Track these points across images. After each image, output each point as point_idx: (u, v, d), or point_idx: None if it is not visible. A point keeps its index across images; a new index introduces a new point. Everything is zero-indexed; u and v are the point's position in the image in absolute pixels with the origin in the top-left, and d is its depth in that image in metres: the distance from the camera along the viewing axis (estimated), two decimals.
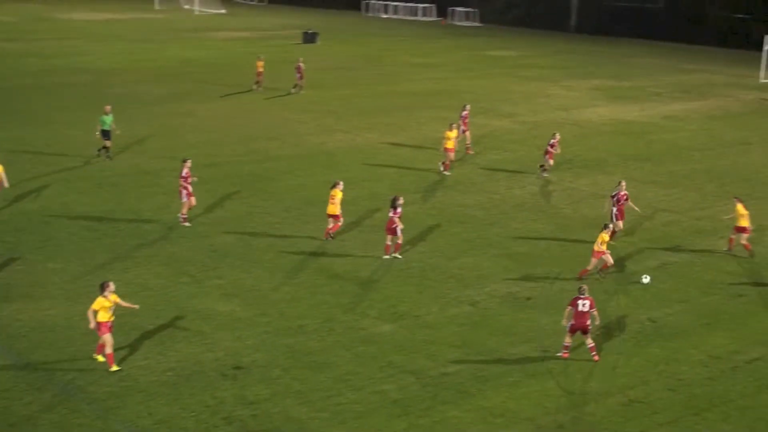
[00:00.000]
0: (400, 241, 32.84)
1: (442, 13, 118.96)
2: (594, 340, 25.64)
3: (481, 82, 72.43)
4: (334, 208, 34.00)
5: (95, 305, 23.97)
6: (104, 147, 44.41)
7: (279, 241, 34.47)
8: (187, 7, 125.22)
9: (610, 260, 31.01)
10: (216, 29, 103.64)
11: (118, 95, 61.71)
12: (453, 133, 43.95)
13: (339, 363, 25.00)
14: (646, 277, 30.81)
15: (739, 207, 34.23)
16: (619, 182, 35.56)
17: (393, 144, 50.43)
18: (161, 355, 25.25)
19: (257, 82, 64.72)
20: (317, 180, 42.57)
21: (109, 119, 44.00)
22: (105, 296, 24.02)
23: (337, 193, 34.05)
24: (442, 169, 44.19)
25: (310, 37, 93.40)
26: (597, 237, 30.82)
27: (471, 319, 28.04)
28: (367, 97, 63.98)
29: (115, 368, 24.06)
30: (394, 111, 59.51)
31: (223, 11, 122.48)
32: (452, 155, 44.24)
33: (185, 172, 35.53)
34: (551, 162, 43.60)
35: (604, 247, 30.63)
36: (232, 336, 26.44)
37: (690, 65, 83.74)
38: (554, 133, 44.43)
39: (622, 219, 34.63)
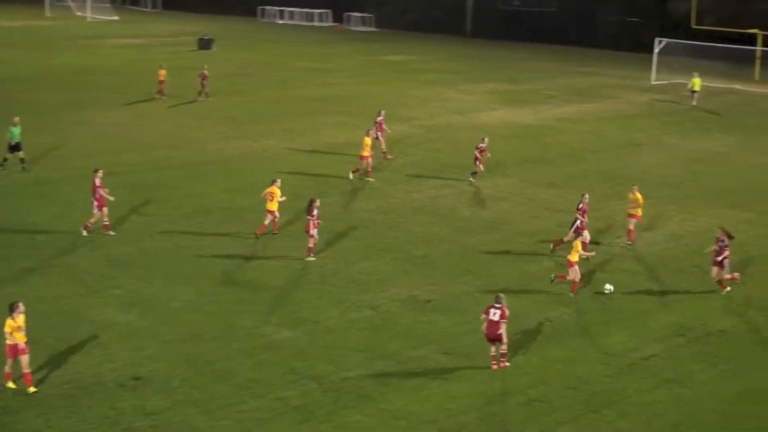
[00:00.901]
0: (310, 245, 32.87)
1: (338, 18, 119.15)
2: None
3: (378, 87, 72.68)
4: (272, 205, 35.07)
5: (6, 327, 23.40)
6: (5, 160, 43.33)
7: (178, 250, 34.16)
8: (79, 14, 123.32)
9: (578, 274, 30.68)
10: (109, 36, 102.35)
11: (9, 103, 60.55)
12: (369, 140, 43.80)
13: (240, 371, 24.85)
14: (608, 287, 30.74)
15: (638, 195, 35.35)
16: (583, 194, 35.33)
17: (291, 149, 50.32)
18: (58, 367, 24.80)
19: (159, 91, 63.84)
20: (216, 187, 42.37)
21: (17, 131, 43.08)
22: (13, 317, 23.47)
23: (275, 190, 35.16)
24: (352, 176, 43.97)
25: (205, 44, 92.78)
26: (572, 247, 30.91)
27: (372, 323, 28.11)
28: (264, 103, 63.76)
29: (11, 385, 23.58)
30: (292, 117, 59.40)
31: (115, 18, 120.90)
32: (369, 161, 43.93)
33: (97, 182, 34.93)
34: (482, 167, 43.70)
35: (576, 258, 30.44)
36: (130, 346, 26.10)
37: (583, 68, 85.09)
38: (483, 138, 44.67)
39: (584, 229, 34.42)
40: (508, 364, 25.16)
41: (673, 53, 77.46)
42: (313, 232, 32.99)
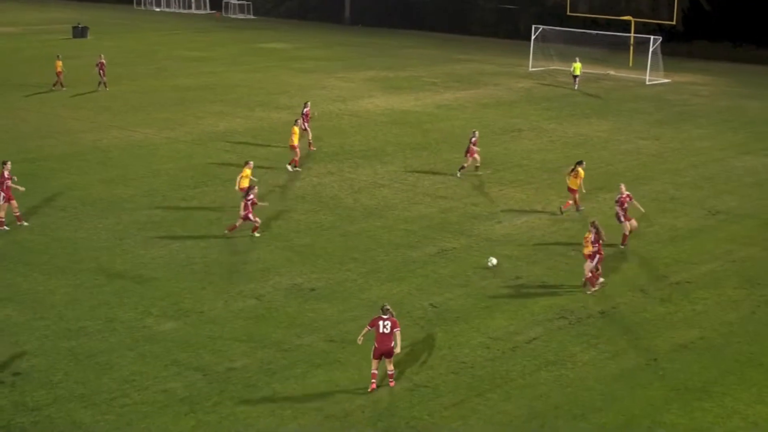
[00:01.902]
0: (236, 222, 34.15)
1: (216, 5, 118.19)
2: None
3: (257, 75, 72.30)
4: (245, 181, 36.18)
5: None
6: None
7: (54, 243, 33.60)
8: None
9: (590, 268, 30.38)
10: None
11: None
12: (297, 129, 43.31)
13: (123, 363, 24.57)
14: (492, 261, 31.42)
15: (581, 170, 37.19)
16: (619, 185, 35.13)
17: (171, 139, 49.80)
18: None
19: (57, 83, 62.20)
20: (92, 178, 41.81)
21: None
22: None
23: (246, 171, 36.68)
24: (290, 167, 43.60)
25: (80, 32, 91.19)
26: (583, 240, 30.80)
27: (256, 313, 28.02)
28: (142, 93, 62.91)
29: None
30: (170, 106, 58.76)
31: None
32: (297, 151, 43.55)
33: (6, 174, 34.13)
34: (472, 159, 43.33)
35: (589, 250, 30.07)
36: (8, 341, 25.59)
37: (461, 55, 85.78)
38: (473, 131, 44.33)
39: (628, 220, 34.35)
40: (394, 383, 23.73)
41: (549, 40, 78.76)
42: (244, 214, 33.74)
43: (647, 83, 71.56)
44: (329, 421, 22.01)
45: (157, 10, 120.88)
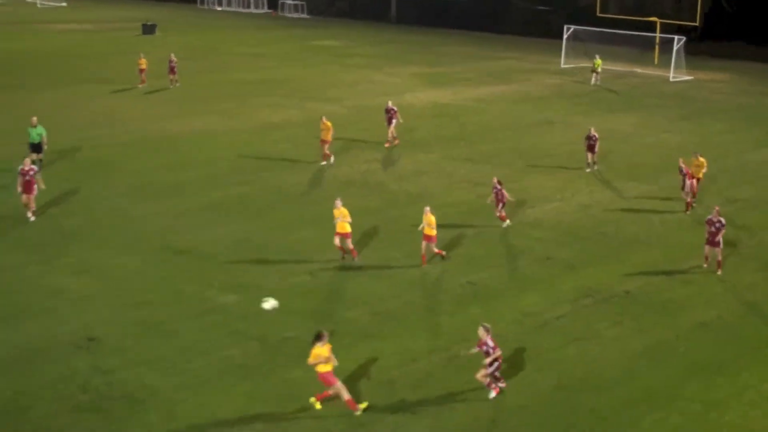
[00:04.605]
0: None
1: (272, 5, 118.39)
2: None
3: (309, 70, 72.43)
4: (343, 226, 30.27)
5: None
6: (38, 160, 38.57)
7: (124, 221, 33.95)
8: (28, 0, 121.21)
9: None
10: (57, 21, 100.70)
11: None
12: (330, 124, 42.29)
13: (186, 332, 24.84)
14: (267, 302, 24.14)
15: (702, 159, 37.74)
16: (680, 159, 37.46)
17: (229, 128, 50.08)
18: (14, 331, 24.62)
19: (142, 81, 61.27)
20: (159, 163, 42.18)
21: (36, 132, 39.03)
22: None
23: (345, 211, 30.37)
24: (326, 161, 42.52)
25: (149, 29, 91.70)
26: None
27: (308, 287, 28.20)
28: (204, 86, 63.21)
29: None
30: (230, 98, 59.04)
31: (63, 4, 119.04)
32: (324, 146, 42.52)
33: (27, 168, 33.39)
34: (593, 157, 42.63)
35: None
36: (83, 310, 25.96)
37: (498, 53, 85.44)
38: (590, 129, 42.94)
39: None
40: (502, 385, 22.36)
41: (580, 39, 78.29)
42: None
43: (671, 80, 70.94)
44: (377, 387, 22.14)
45: (219, 9, 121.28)
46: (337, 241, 30.04)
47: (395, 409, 21.19)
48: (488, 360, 21.35)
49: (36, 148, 39.09)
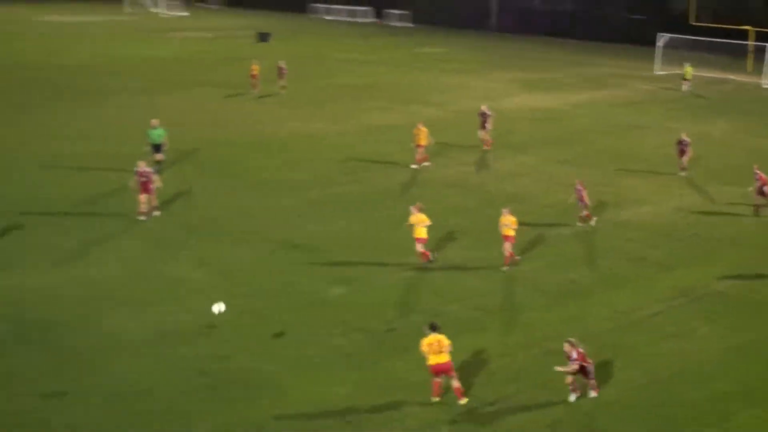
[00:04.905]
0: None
1: (378, 14, 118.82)
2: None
3: (413, 75, 72.51)
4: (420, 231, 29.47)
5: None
6: (157, 161, 38.68)
7: (240, 216, 34.42)
8: (153, 10, 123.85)
9: None
10: (179, 29, 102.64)
11: (88, 89, 61.23)
12: (426, 129, 41.95)
13: (298, 322, 25.07)
14: (217, 305, 24.40)
15: None
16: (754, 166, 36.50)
17: (338, 131, 50.44)
18: (141, 317, 25.17)
19: (255, 84, 61.02)
20: (272, 163, 42.66)
21: (157, 133, 39.18)
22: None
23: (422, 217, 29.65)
24: (418, 165, 41.93)
25: (263, 37, 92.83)
26: None
27: (412, 282, 28.21)
28: (313, 91, 63.75)
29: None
30: (338, 102, 59.46)
31: (186, 14, 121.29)
32: (422, 150, 42.03)
33: (142, 170, 33.43)
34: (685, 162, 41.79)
35: None
36: (203, 299, 26.32)
37: (593, 60, 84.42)
38: (681, 134, 42.28)
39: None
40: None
41: (673, 47, 76.86)
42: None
43: (764, 87, 69.18)
44: (474, 379, 22.08)
45: (328, 18, 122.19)
46: (420, 247, 29.44)
47: (493, 400, 21.09)
48: (569, 368, 20.82)
49: (157, 148, 39.51)
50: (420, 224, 29.18)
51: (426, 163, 42.19)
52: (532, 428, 20.03)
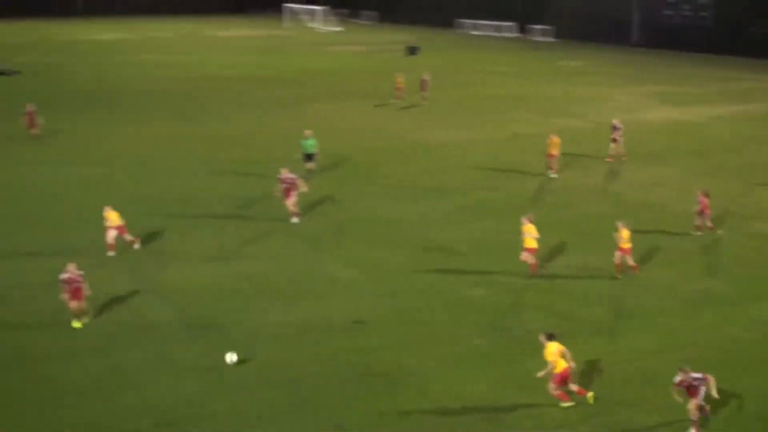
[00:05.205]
0: None
1: (522, 29, 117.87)
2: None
3: (554, 87, 71.59)
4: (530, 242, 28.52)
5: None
6: (312, 169, 39.72)
7: (387, 219, 34.64)
8: (310, 25, 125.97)
9: None
10: (334, 43, 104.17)
11: (248, 99, 62.78)
12: (558, 140, 41.33)
13: (439, 321, 25.09)
14: (231, 358, 22.49)
15: None
16: None
17: (481, 139, 50.25)
18: (293, 311, 25.62)
19: (398, 95, 61.30)
20: (416, 169, 42.79)
21: (309, 143, 39.69)
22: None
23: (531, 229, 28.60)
24: (555, 174, 41.27)
25: (412, 51, 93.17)
26: None
27: (550, 286, 27.84)
28: (458, 101, 63.67)
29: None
30: (482, 112, 59.23)
31: (340, 29, 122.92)
32: (554, 159, 41.37)
33: (284, 176, 33.27)
34: None
35: None
36: (351, 296, 26.70)
37: (733, 74, 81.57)
38: None
39: None
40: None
41: None
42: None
43: None
44: (611, 381, 21.63)
45: (474, 33, 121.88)
46: (530, 258, 28.62)
47: (627, 402, 20.62)
48: (693, 404, 19.24)
49: (309, 157, 40.08)
50: (529, 235, 28.39)
51: (553, 174, 41.54)
52: None
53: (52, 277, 24.95)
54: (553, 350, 20.39)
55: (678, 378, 19.31)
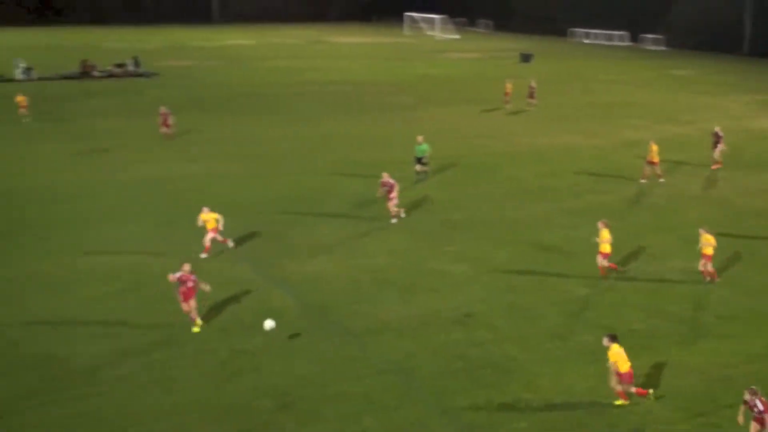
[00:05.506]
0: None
1: (633, 38, 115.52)
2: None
3: (664, 95, 69.84)
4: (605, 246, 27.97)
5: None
6: (422, 171, 39.84)
7: (499, 218, 34.39)
8: (429, 33, 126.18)
9: None
10: (451, 51, 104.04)
11: (370, 103, 63.10)
12: (656, 147, 40.30)
13: (547, 317, 24.77)
14: (268, 324, 23.16)
15: None
16: None
17: (591, 144, 49.41)
18: (407, 303, 25.67)
19: (506, 101, 61.01)
20: (528, 172, 42.32)
21: (422, 148, 39.61)
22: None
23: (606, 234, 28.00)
24: (648, 180, 40.31)
25: (526, 58, 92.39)
26: None
27: (653, 287, 27.14)
28: (569, 107, 62.80)
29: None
30: (592, 118, 58.24)
31: (457, 37, 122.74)
32: (656, 166, 40.29)
33: (385, 180, 33.43)
34: None
35: None
36: (462, 291, 26.59)
37: None
38: None
39: None
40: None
41: None
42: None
43: None
44: (715, 383, 21.02)
45: (586, 42, 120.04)
46: (603, 261, 27.89)
47: (732, 403, 19.91)
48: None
49: (420, 160, 40.02)
50: (604, 240, 27.69)
51: (643, 181, 40.28)
52: None
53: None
54: (616, 351, 19.89)
55: (746, 397, 17.95)
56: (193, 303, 23.59)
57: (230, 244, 30.31)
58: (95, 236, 31.81)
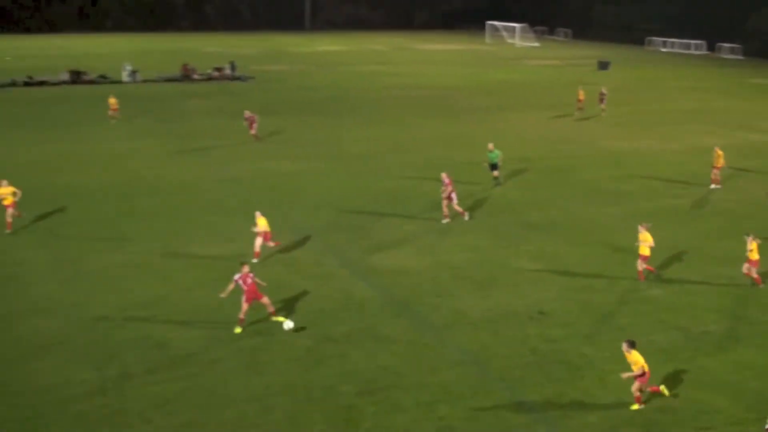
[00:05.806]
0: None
1: (710, 48, 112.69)
2: None
3: (741, 103, 67.94)
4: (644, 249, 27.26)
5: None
6: (494, 177, 39.10)
7: (574, 219, 33.94)
8: (510, 41, 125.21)
9: None
10: (530, 58, 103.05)
11: (452, 107, 62.88)
12: (721, 152, 39.40)
13: (619, 316, 24.34)
14: (287, 324, 23.15)
15: None
16: None
17: (667, 149, 48.38)
18: (484, 298, 25.53)
19: (579, 108, 59.29)
20: (604, 174, 41.66)
21: (494, 155, 38.83)
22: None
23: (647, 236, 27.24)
24: (716, 185, 39.23)
25: (603, 65, 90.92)
26: None
27: (728, 290, 26.44)
28: (646, 113, 61.54)
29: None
30: (668, 124, 56.99)
31: (536, 44, 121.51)
32: (717, 172, 39.36)
33: (446, 180, 33.17)
34: None
35: None
36: (537, 288, 26.32)
37: None
38: None
39: None
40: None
41: None
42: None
43: None
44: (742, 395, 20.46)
45: (663, 50, 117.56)
46: (641, 265, 27.04)
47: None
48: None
49: (494, 167, 39.43)
50: (644, 243, 26.90)
51: (713, 186, 39.21)
52: None
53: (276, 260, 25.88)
54: (637, 356, 19.33)
55: None
56: (245, 306, 22.93)
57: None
58: (195, 228, 32.43)
